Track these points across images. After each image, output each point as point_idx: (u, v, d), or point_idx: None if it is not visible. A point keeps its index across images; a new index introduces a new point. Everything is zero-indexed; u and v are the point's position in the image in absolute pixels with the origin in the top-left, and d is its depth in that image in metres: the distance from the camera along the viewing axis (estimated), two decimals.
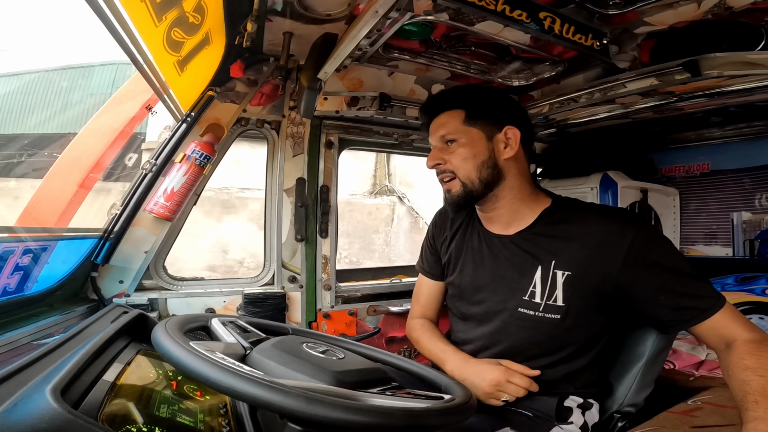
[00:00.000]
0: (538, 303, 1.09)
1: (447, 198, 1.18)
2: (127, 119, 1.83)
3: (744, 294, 2.61)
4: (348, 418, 0.57)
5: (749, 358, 0.89)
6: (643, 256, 1.00)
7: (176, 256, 1.84)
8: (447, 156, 1.15)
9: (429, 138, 1.23)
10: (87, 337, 0.88)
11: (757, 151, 2.56)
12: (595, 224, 1.06)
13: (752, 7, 1.27)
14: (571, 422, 1.10)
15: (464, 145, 1.13)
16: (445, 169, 1.16)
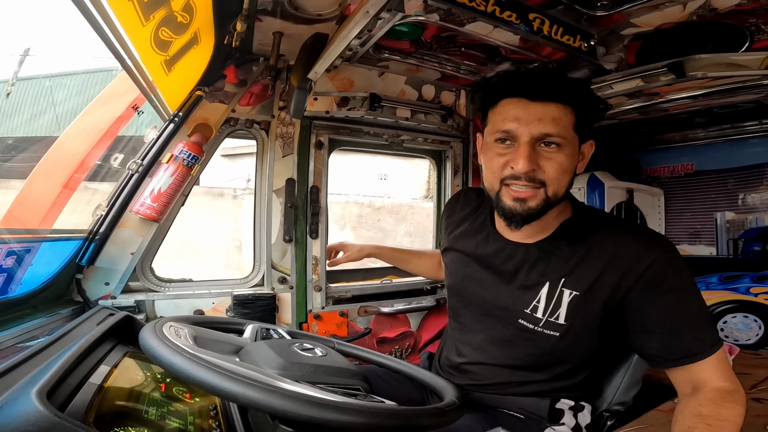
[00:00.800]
0: (539, 318, 1.01)
1: (517, 209, 0.96)
2: (112, 119, 1.79)
3: (728, 293, 2.66)
4: (340, 419, 0.57)
5: (708, 406, 0.83)
6: (656, 283, 0.91)
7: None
8: (542, 162, 0.93)
9: (510, 123, 0.94)
10: (73, 340, 0.87)
11: (740, 152, 2.62)
12: (613, 242, 0.96)
13: (737, 9, 1.30)
14: (562, 423, 1.08)
15: (568, 155, 0.94)
16: (536, 177, 0.93)
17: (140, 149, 1.63)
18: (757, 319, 2.55)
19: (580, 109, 0.94)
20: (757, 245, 2.60)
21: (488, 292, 1.10)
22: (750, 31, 1.42)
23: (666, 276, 0.91)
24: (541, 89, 0.92)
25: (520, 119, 0.92)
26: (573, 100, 0.93)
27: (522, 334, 1.04)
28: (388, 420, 0.60)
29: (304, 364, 0.76)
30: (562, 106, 0.92)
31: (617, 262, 0.94)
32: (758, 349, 2.47)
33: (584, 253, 0.98)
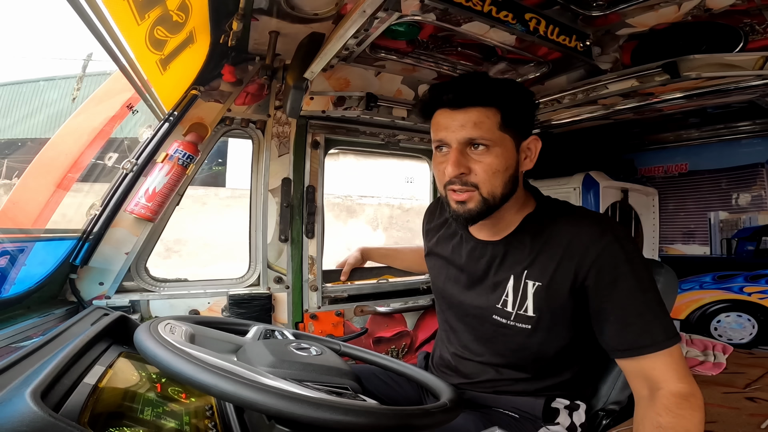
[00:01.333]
0: (510, 312, 1.04)
1: (459, 211, 1.00)
2: (106, 118, 1.78)
3: (721, 292, 2.68)
4: (336, 419, 0.57)
5: (666, 416, 0.83)
6: (607, 271, 0.93)
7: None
8: (472, 165, 0.97)
9: (440, 132, 1.00)
10: (66, 340, 0.86)
11: (733, 152, 2.64)
12: (569, 231, 0.98)
13: (731, 9, 1.31)
14: (557, 423, 1.09)
15: (498, 155, 0.96)
16: (468, 181, 0.97)
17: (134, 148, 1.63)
18: (751, 318, 2.57)
19: (505, 109, 0.96)
20: (750, 245, 2.62)
21: (465, 294, 1.14)
22: (744, 31, 1.43)
23: (617, 264, 0.92)
24: (460, 97, 0.96)
25: (448, 127, 0.97)
26: (494, 101, 0.96)
27: (498, 330, 1.07)
28: (387, 420, 0.60)
29: (293, 362, 0.76)
30: (483, 109, 0.95)
31: (573, 251, 0.96)
32: (752, 348, 2.49)
33: (543, 244, 1.00)
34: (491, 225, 1.07)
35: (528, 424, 1.09)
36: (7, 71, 9.27)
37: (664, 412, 0.83)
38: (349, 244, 7.35)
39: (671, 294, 1.25)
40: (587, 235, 0.95)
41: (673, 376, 0.87)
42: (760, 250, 2.57)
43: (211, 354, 0.68)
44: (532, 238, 1.03)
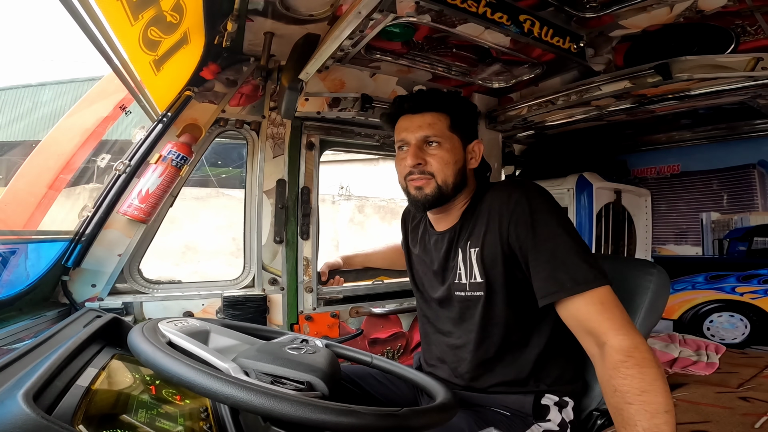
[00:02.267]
0: (464, 283, 1.17)
1: (418, 196, 1.18)
2: (99, 119, 1.77)
3: (714, 292, 2.71)
4: (333, 420, 0.56)
5: (617, 378, 0.85)
6: (522, 222, 1.04)
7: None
8: (428, 158, 1.16)
9: (402, 133, 1.20)
10: (59, 342, 0.85)
11: (725, 153, 2.66)
12: (490, 198, 1.14)
13: (723, 10, 1.32)
14: (549, 420, 1.12)
15: (448, 150, 1.16)
16: (425, 170, 1.16)
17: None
18: (743, 318, 2.59)
19: (453, 114, 1.19)
20: (742, 245, 2.65)
21: (434, 283, 1.28)
22: (736, 32, 1.45)
23: (527, 216, 1.04)
24: (417, 104, 1.20)
25: (408, 129, 1.19)
26: (444, 107, 1.19)
27: (462, 305, 1.19)
28: (383, 421, 0.60)
29: (266, 354, 0.77)
30: (436, 113, 1.18)
31: (495, 213, 1.10)
32: (744, 348, 2.51)
33: (476, 218, 1.17)
34: (445, 216, 1.25)
35: (519, 421, 1.11)
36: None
37: (614, 374, 0.85)
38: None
39: (663, 294, 1.27)
40: (502, 198, 1.10)
41: (610, 327, 0.90)
42: (752, 251, 2.59)
43: (209, 352, 0.69)
44: (470, 216, 1.19)
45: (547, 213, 1.04)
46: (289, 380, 0.74)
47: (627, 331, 0.89)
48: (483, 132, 2.29)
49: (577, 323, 0.95)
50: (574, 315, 0.95)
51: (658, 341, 2.20)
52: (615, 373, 0.85)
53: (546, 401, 1.13)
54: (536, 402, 1.13)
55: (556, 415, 1.13)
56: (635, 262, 1.45)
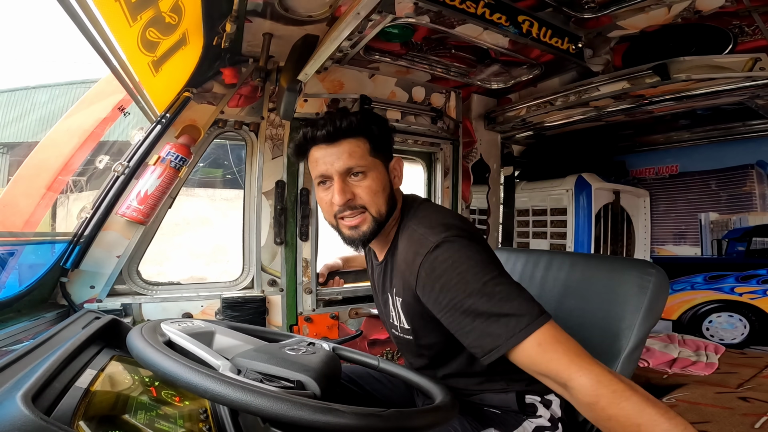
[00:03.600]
0: (396, 325, 1.13)
1: (354, 235, 1.06)
2: (97, 120, 1.77)
3: (713, 292, 2.71)
4: (335, 422, 0.56)
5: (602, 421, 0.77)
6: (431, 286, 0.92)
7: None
8: (355, 190, 1.04)
9: (320, 167, 1.05)
10: (58, 343, 0.85)
11: (723, 153, 2.67)
12: (403, 247, 1.04)
13: (720, 11, 1.33)
14: (539, 416, 1.12)
15: (375, 178, 1.05)
16: (356, 205, 1.04)
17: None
18: (742, 318, 2.59)
19: (371, 136, 1.05)
20: (740, 245, 2.65)
21: (381, 313, 1.23)
22: (734, 33, 1.45)
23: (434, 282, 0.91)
24: (332, 132, 1.03)
25: (326, 161, 1.03)
26: (361, 132, 1.04)
27: (402, 340, 1.15)
28: (384, 422, 0.59)
29: (262, 353, 0.76)
30: (353, 139, 1.03)
31: (404, 269, 1.01)
32: (744, 348, 2.52)
33: (395, 261, 1.08)
34: (381, 244, 1.15)
35: (511, 417, 1.11)
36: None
37: (596, 416, 0.78)
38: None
39: (662, 295, 1.26)
40: (411, 254, 0.98)
41: (559, 368, 0.81)
42: (751, 251, 2.60)
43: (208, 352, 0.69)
44: (392, 254, 1.10)
45: (455, 273, 0.90)
46: (280, 379, 0.74)
47: (579, 368, 0.79)
48: (482, 133, 2.30)
49: (528, 368, 0.85)
50: (521, 362, 0.85)
51: (657, 341, 2.20)
52: (596, 416, 0.77)
53: (530, 400, 1.13)
54: (520, 400, 1.11)
55: (545, 411, 1.13)
56: (633, 263, 1.45)
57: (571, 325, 1.39)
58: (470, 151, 2.29)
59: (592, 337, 1.32)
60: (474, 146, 2.29)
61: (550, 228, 2.73)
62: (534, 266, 1.60)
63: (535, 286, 1.54)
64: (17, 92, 9.53)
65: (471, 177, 2.32)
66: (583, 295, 1.39)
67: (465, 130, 2.28)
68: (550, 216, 2.74)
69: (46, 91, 9.38)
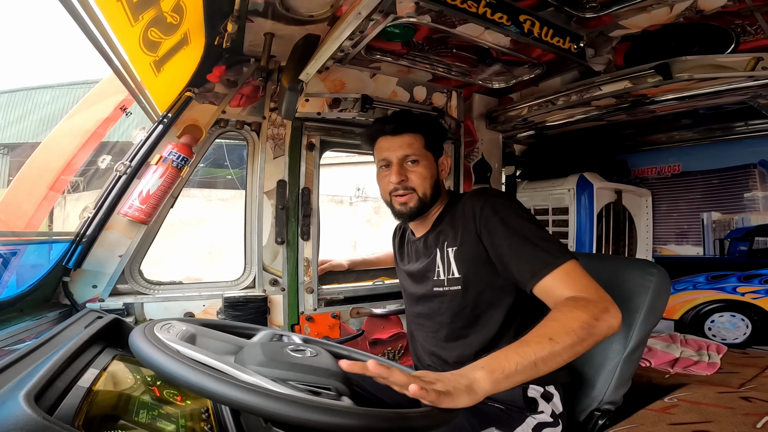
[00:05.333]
0: (443, 279, 1.29)
1: (403, 209, 1.33)
2: (99, 120, 1.78)
3: (715, 292, 2.70)
4: (336, 422, 0.56)
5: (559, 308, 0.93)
6: (488, 223, 1.16)
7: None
8: (409, 174, 1.31)
9: (384, 153, 1.34)
10: (60, 343, 0.85)
11: (726, 153, 2.66)
12: (463, 204, 1.26)
13: (722, 10, 1.32)
14: (541, 411, 1.15)
15: (426, 167, 1.32)
16: (408, 186, 1.31)
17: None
18: (744, 318, 2.58)
19: (426, 134, 1.34)
20: (743, 245, 2.64)
21: (417, 285, 1.40)
22: (736, 32, 1.45)
23: (493, 215, 1.16)
24: (396, 127, 1.33)
25: (390, 149, 1.32)
26: (419, 129, 1.33)
27: (439, 298, 1.31)
28: (388, 422, 0.59)
29: (281, 362, 0.75)
30: (412, 134, 1.32)
31: (467, 216, 1.22)
32: (746, 347, 2.51)
33: (452, 219, 1.30)
34: (423, 223, 1.39)
35: (515, 414, 1.15)
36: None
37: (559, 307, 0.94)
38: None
39: (664, 294, 1.27)
40: (472, 202, 1.22)
41: (570, 289, 0.99)
42: (753, 251, 2.59)
43: (208, 354, 0.67)
44: (446, 220, 1.33)
45: (510, 210, 1.16)
46: (322, 388, 0.74)
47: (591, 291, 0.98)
48: (483, 132, 2.29)
49: (549, 296, 1.02)
50: (546, 289, 1.03)
51: (659, 341, 2.19)
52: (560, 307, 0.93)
53: (532, 393, 1.17)
54: (525, 394, 1.17)
55: (546, 407, 1.16)
56: (635, 262, 1.45)
57: None
58: (472, 150, 2.29)
59: None
60: (475, 146, 2.29)
61: (552, 228, 2.72)
62: None
63: None
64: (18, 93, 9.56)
65: (473, 177, 2.32)
66: None
67: (466, 130, 2.28)
68: (551, 216, 2.73)
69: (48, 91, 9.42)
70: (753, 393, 1.38)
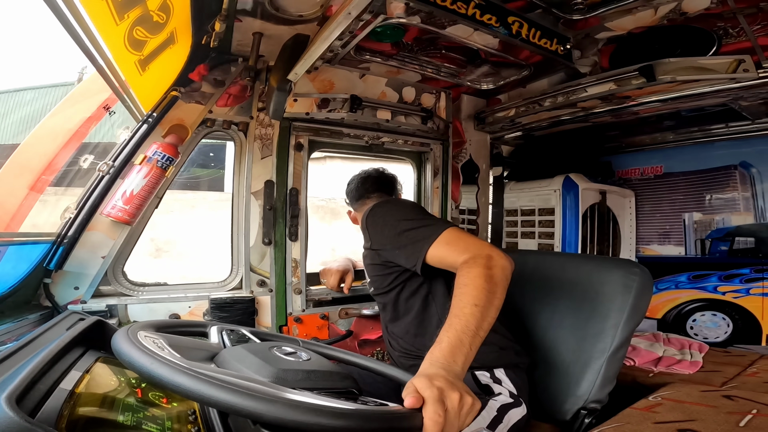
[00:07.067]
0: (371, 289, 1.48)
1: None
2: (82, 119, 1.74)
3: (696, 291, 2.75)
4: (327, 423, 0.56)
5: (460, 278, 0.97)
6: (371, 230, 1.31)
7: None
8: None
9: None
10: (41, 345, 0.83)
11: (706, 154, 2.72)
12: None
13: (706, 13, 1.35)
14: (499, 393, 1.21)
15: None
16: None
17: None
18: (725, 317, 2.64)
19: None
20: (723, 245, 2.70)
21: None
22: (718, 35, 1.48)
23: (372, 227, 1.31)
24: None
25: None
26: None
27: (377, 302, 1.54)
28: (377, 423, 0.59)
29: (297, 371, 0.74)
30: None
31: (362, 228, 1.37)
32: (727, 346, 2.56)
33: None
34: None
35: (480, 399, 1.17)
36: None
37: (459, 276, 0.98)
38: (334, 244, 7.77)
39: (646, 294, 1.30)
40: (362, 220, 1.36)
41: (457, 252, 1.06)
42: (734, 250, 2.65)
43: (197, 365, 0.66)
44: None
45: (387, 216, 1.29)
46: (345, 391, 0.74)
47: (468, 249, 1.04)
48: (472, 133, 2.31)
49: (449, 266, 1.09)
50: (439, 261, 1.11)
51: (643, 340, 2.23)
52: (459, 276, 0.97)
53: (483, 380, 1.24)
54: (477, 381, 1.24)
55: (500, 388, 1.22)
56: (619, 262, 1.48)
57: (557, 324, 1.42)
58: (460, 151, 2.30)
59: (578, 336, 1.35)
60: (464, 146, 2.30)
61: (539, 228, 2.75)
62: (522, 266, 1.61)
63: (522, 285, 1.55)
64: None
65: (461, 177, 2.33)
66: (569, 295, 1.41)
67: (455, 131, 2.29)
68: (538, 216, 2.76)
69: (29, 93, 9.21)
70: (735, 391, 1.41)
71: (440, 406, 0.66)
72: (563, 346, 1.38)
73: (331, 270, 1.93)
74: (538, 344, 1.44)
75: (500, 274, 0.97)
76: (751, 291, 2.54)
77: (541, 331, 1.45)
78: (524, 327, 1.48)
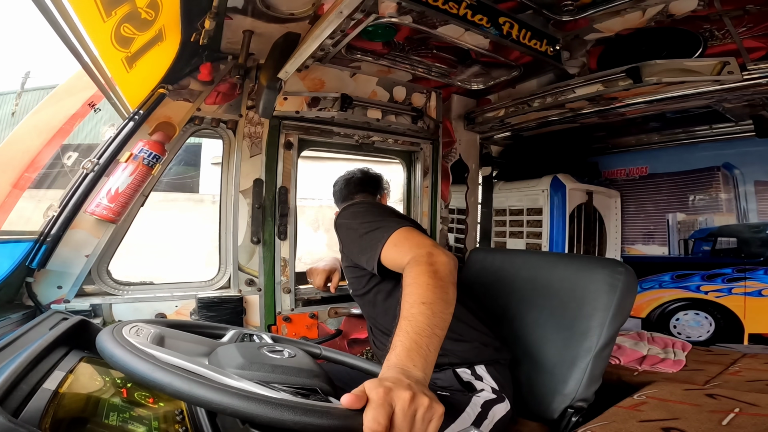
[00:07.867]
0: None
1: None
2: (66, 116, 1.71)
3: (680, 291, 2.80)
4: (317, 423, 0.55)
5: (405, 279, 0.97)
6: (339, 236, 1.38)
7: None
8: None
9: None
10: (24, 345, 0.81)
11: (691, 156, 2.76)
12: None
13: (692, 15, 1.37)
14: (482, 389, 1.22)
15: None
16: None
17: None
18: (708, 316, 2.69)
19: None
20: (706, 245, 2.75)
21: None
22: (704, 37, 1.50)
23: (339, 233, 1.38)
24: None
25: None
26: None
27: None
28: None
29: (263, 364, 0.73)
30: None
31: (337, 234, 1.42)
32: (709, 345, 2.60)
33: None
34: None
35: (461, 397, 1.20)
36: None
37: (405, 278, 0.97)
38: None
39: (631, 293, 1.32)
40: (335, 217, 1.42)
41: (404, 253, 1.06)
42: (716, 250, 2.70)
43: (181, 357, 0.65)
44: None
45: (350, 219, 1.32)
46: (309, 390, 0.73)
47: (415, 250, 1.03)
48: (461, 133, 2.32)
49: (396, 266, 1.09)
50: (391, 263, 1.11)
51: (627, 339, 2.26)
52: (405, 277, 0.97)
53: (465, 377, 1.24)
54: (459, 378, 1.24)
55: (482, 384, 1.23)
56: (604, 262, 1.50)
57: (543, 323, 1.44)
58: (450, 151, 2.31)
59: (564, 335, 1.36)
60: (453, 146, 2.31)
61: (527, 228, 2.77)
62: (510, 265, 1.63)
63: (509, 285, 1.57)
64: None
65: (450, 177, 2.34)
66: (555, 294, 1.43)
67: (445, 130, 2.30)
68: (526, 216, 2.78)
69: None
70: (718, 390, 1.43)
71: (382, 410, 0.60)
72: (550, 345, 1.40)
73: (318, 269, 1.91)
74: (525, 343, 1.45)
75: (443, 269, 0.95)
76: (733, 290, 2.59)
77: (528, 329, 1.46)
78: (511, 326, 1.50)
